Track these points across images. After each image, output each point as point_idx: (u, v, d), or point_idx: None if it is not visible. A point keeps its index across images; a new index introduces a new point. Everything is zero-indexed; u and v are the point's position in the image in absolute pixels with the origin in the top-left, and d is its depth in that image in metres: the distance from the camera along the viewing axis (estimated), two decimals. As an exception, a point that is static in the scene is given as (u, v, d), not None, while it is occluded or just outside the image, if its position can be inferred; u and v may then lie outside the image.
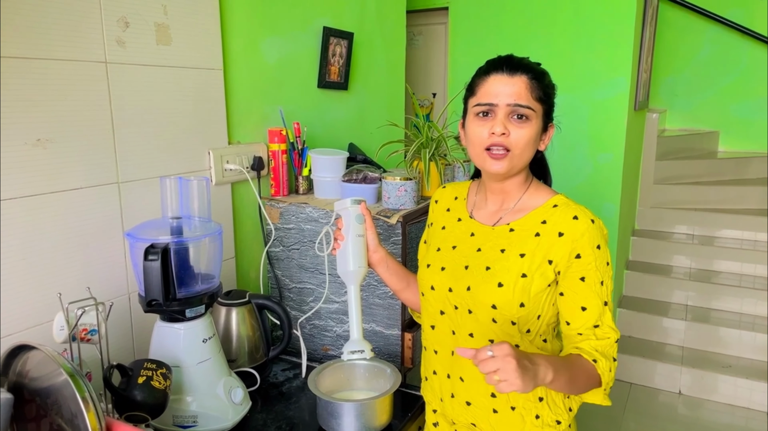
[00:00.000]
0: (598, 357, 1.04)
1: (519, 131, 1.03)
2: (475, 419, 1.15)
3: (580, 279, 1.04)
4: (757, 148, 4.19)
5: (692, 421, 3.03)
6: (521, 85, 1.03)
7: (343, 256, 1.21)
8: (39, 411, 1.01)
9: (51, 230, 1.22)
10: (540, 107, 1.05)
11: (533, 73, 1.05)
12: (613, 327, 1.06)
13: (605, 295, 1.05)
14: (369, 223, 1.22)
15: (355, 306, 1.20)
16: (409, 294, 1.29)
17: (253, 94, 1.73)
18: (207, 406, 1.23)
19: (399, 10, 2.49)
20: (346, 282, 1.22)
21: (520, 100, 1.03)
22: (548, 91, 1.07)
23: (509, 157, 1.04)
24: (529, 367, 0.87)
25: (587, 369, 1.03)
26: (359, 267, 1.20)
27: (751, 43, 4.07)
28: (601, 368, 1.03)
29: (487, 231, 1.13)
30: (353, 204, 1.22)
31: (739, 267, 3.59)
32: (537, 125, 1.05)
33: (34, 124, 1.16)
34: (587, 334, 1.05)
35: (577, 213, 1.06)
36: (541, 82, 1.05)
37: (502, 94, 1.03)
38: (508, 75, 1.04)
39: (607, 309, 1.06)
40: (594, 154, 3.31)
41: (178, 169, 1.48)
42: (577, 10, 3.22)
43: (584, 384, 1.04)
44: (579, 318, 1.06)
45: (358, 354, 1.19)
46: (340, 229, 1.22)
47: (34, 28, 1.14)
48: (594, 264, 1.04)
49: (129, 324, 1.40)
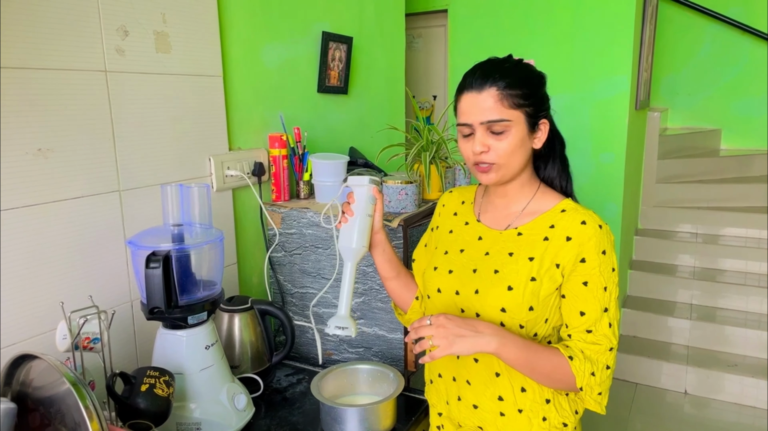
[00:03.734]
0: (576, 355, 1.03)
1: (498, 144, 1.03)
2: (482, 422, 1.15)
3: (583, 284, 1.04)
4: (760, 145, 4.18)
5: (699, 421, 3.01)
6: (490, 99, 1.01)
7: (348, 232, 1.19)
8: (42, 420, 1.01)
9: (53, 239, 1.22)
10: (518, 113, 1.02)
11: (504, 80, 1.01)
12: (607, 334, 1.04)
13: (607, 301, 1.04)
14: (379, 206, 1.21)
15: (348, 283, 1.18)
16: (396, 285, 1.28)
17: (253, 99, 1.73)
18: (210, 413, 1.23)
19: (398, 13, 2.49)
20: (344, 258, 1.20)
21: (492, 115, 1.01)
22: (527, 91, 1.03)
23: (495, 169, 1.05)
24: (466, 335, 0.97)
25: (556, 360, 1.02)
26: (362, 246, 1.19)
27: (751, 40, 4.06)
28: (576, 367, 1.02)
29: (495, 234, 1.13)
30: (371, 182, 1.20)
31: (744, 266, 3.57)
32: (519, 131, 1.03)
33: (35, 133, 1.17)
34: (577, 337, 1.05)
35: (586, 218, 1.05)
36: (514, 88, 1.01)
37: (473, 112, 1.03)
38: (476, 92, 1.02)
39: (605, 316, 1.04)
40: (596, 153, 3.31)
41: (179, 176, 1.49)
42: (577, 9, 3.22)
43: (549, 373, 1.03)
44: (575, 322, 1.05)
45: (343, 330, 1.16)
46: (350, 204, 1.20)
47: (33, 37, 1.15)
48: (598, 270, 1.03)
49: (132, 332, 1.40)
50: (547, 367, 1.03)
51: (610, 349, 1.04)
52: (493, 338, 0.98)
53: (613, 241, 1.07)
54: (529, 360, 1.01)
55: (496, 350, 0.98)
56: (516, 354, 0.99)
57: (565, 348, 1.04)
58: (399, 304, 1.32)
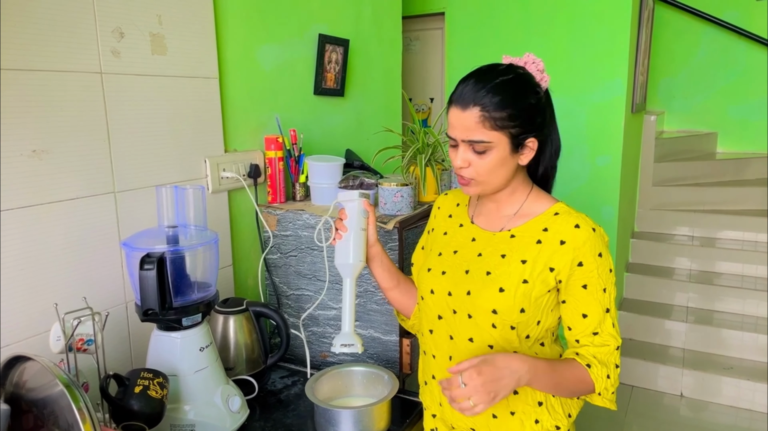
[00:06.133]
0: (592, 362, 1.05)
1: (479, 161, 1.03)
2: (475, 424, 1.15)
3: (582, 287, 1.05)
4: (756, 148, 4.19)
5: (695, 424, 3.02)
6: (472, 120, 1.00)
7: (344, 248, 1.19)
8: (36, 421, 1.01)
9: (47, 241, 1.22)
10: (500, 134, 1.00)
11: (491, 100, 0.99)
12: (613, 334, 1.07)
13: (607, 302, 1.06)
14: (372, 218, 1.22)
15: (349, 299, 1.18)
16: (397, 294, 1.28)
17: (249, 101, 1.73)
18: (205, 415, 1.23)
19: (395, 16, 2.50)
20: (342, 274, 1.20)
21: (473, 135, 1.01)
22: (513, 112, 0.99)
23: (474, 184, 1.06)
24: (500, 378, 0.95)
25: (578, 373, 1.05)
26: (359, 260, 1.18)
27: (748, 44, 4.07)
28: (595, 374, 1.05)
29: (488, 236, 1.13)
30: (361, 196, 1.20)
31: (741, 269, 3.58)
32: (500, 151, 1.02)
33: (30, 135, 1.17)
34: (585, 341, 1.07)
35: (579, 221, 1.06)
36: (499, 110, 0.99)
37: (457, 128, 1.03)
38: (461, 109, 1.01)
39: (608, 316, 1.06)
40: (592, 157, 3.32)
41: (174, 177, 1.49)
42: (573, 13, 3.23)
43: (573, 387, 1.06)
44: (579, 325, 1.07)
45: (349, 347, 1.16)
46: (342, 220, 1.20)
47: (29, 39, 1.15)
48: (596, 272, 1.04)
49: (126, 334, 1.40)
50: (572, 382, 1.05)
51: (617, 348, 1.07)
52: (525, 373, 0.98)
53: (607, 242, 1.08)
54: (557, 382, 1.04)
55: (528, 382, 0.99)
56: (546, 380, 1.02)
57: (579, 357, 1.06)
58: (401, 311, 1.31)
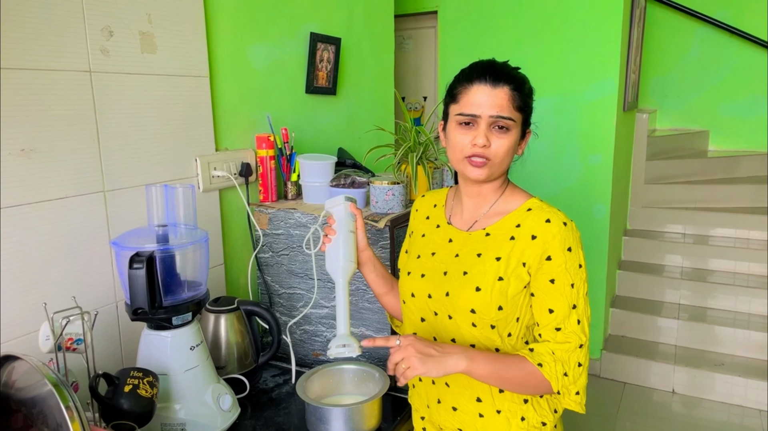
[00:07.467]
0: (546, 361, 1.04)
1: (499, 141, 1.04)
2: (462, 424, 1.15)
3: (550, 281, 1.05)
4: (747, 146, 4.22)
5: (687, 420, 3.04)
6: (503, 96, 1.03)
7: (333, 252, 1.20)
8: (25, 421, 1.01)
9: (36, 240, 1.22)
10: (520, 116, 1.06)
11: (515, 82, 1.05)
12: (576, 331, 1.05)
13: (574, 299, 1.05)
14: (360, 222, 1.22)
15: (343, 302, 1.18)
16: (391, 298, 1.29)
17: (240, 100, 1.73)
18: (195, 413, 1.23)
19: (387, 15, 2.50)
20: (334, 278, 1.20)
21: (503, 111, 1.03)
22: (527, 99, 1.07)
23: (489, 165, 1.06)
24: (434, 354, 0.98)
25: (527, 370, 1.03)
26: (350, 262, 1.19)
27: (739, 42, 4.09)
28: (548, 372, 1.03)
29: (464, 236, 1.14)
30: (346, 200, 1.21)
31: (733, 266, 3.60)
32: (516, 134, 1.07)
33: (18, 134, 1.16)
34: (547, 336, 1.06)
35: (550, 216, 1.06)
36: (521, 92, 1.05)
37: (485, 105, 1.03)
38: (491, 86, 1.04)
39: (574, 313, 1.05)
40: (584, 155, 3.32)
41: (165, 176, 1.48)
42: (565, 11, 3.23)
43: (524, 381, 1.04)
44: (544, 320, 1.06)
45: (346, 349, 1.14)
46: (331, 226, 1.21)
47: (17, 37, 1.14)
48: (564, 267, 1.04)
49: (117, 333, 1.40)
50: (518, 376, 1.04)
51: (580, 346, 1.05)
52: (461, 356, 0.99)
53: (579, 238, 1.07)
54: (500, 373, 1.02)
55: (466, 368, 1.00)
56: (486, 369, 1.01)
57: (531, 354, 1.05)
58: (396, 316, 1.32)
